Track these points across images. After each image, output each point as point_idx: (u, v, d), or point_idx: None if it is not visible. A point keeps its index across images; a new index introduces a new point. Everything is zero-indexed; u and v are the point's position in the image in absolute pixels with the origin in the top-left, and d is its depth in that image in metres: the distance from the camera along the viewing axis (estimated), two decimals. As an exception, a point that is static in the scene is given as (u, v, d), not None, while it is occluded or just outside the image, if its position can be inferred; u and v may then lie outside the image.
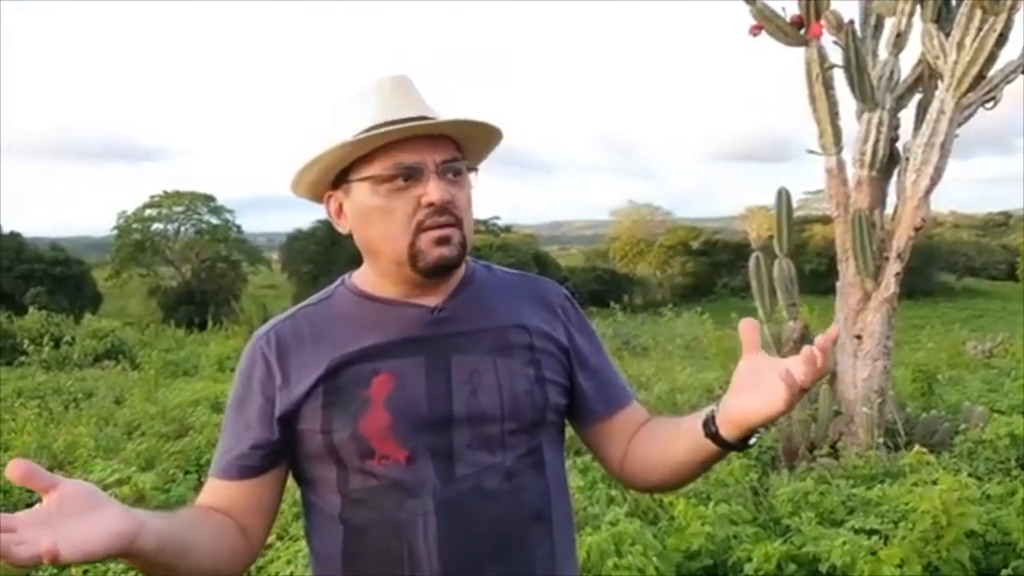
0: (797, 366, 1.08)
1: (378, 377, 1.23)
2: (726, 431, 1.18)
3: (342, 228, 1.30)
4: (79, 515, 0.97)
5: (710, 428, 1.20)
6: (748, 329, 1.16)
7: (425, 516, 1.20)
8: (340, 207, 1.29)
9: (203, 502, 1.28)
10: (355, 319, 1.29)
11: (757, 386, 1.13)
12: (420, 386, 1.23)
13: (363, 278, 1.33)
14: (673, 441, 1.28)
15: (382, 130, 1.21)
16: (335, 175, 1.28)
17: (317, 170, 1.27)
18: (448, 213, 1.23)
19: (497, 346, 1.28)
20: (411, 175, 1.22)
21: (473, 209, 1.30)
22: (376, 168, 1.23)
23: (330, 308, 1.32)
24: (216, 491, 1.28)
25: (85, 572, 3.63)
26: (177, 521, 1.15)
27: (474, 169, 1.32)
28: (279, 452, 1.27)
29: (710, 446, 1.21)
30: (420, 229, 1.22)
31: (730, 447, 1.20)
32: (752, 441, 1.20)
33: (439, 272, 1.25)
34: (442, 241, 1.22)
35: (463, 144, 1.29)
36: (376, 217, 1.24)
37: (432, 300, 1.29)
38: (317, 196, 1.32)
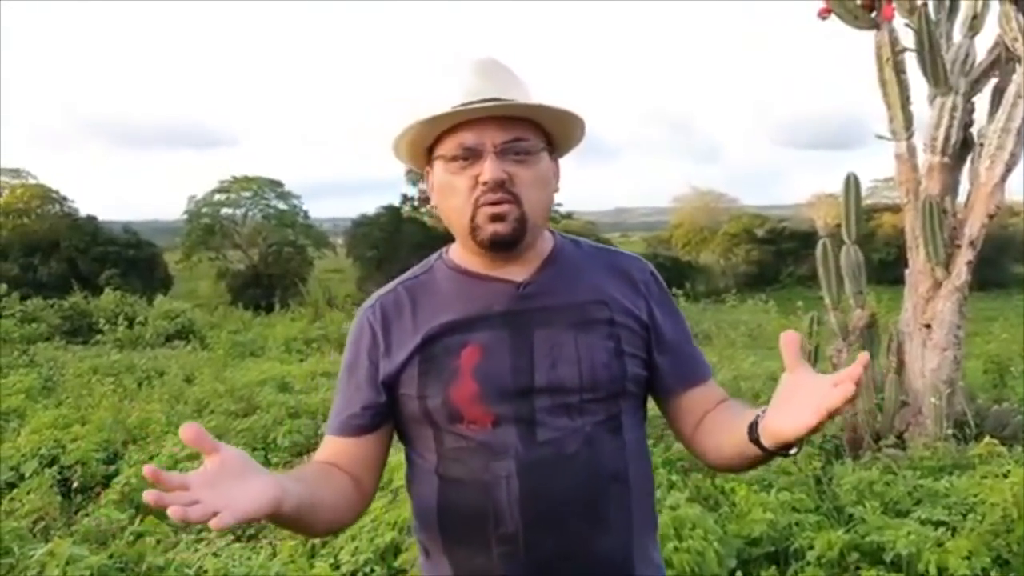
0: (829, 390, 1.10)
1: (467, 348, 1.33)
2: (765, 439, 1.23)
3: (432, 203, 1.41)
4: (236, 478, 1.07)
5: (753, 433, 1.25)
6: (789, 343, 1.17)
7: (508, 477, 1.30)
8: (431, 183, 1.40)
9: (320, 458, 1.41)
10: (448, 292, 1.39)
11: (792, 402, 1.15)
12: (505, 358, 1.33)
13: (456, 252, 1.44)
14: (730, 435, 1.32)
15: (438, 113, 1.30)
16: (425, 151, 1.38)
17: (404, 147, 1.38)
18: (503, 190, 1.30)
19: (579, 320, 1.36)
20: (471, 155, 1.31)
21: (548, 187, 1.38)
22: (445, 148, 1.34)
23: (427, 281, 1.43)
24: (332, 447, 1.41)
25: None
26: (308, 482, 1.26)
27: (548, 150, 1.38)
28: (385, 413, 1.40)
29: (754, 449, 1.26)
30: (477, 205, 1.32)
31: (771, 454, 1.25)
32: (792, 452, 1.24)
33: (496, 247, 1.33)
34: (496, 218, 1.31)
35: (549, 128, 1.37)
36: (446, 193, 1.35)
37: (519, 275, 1.38)
38: (420, 167, 1.43)
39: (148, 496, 0.99)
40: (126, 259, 34.30)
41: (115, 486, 4.88)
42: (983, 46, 5.54)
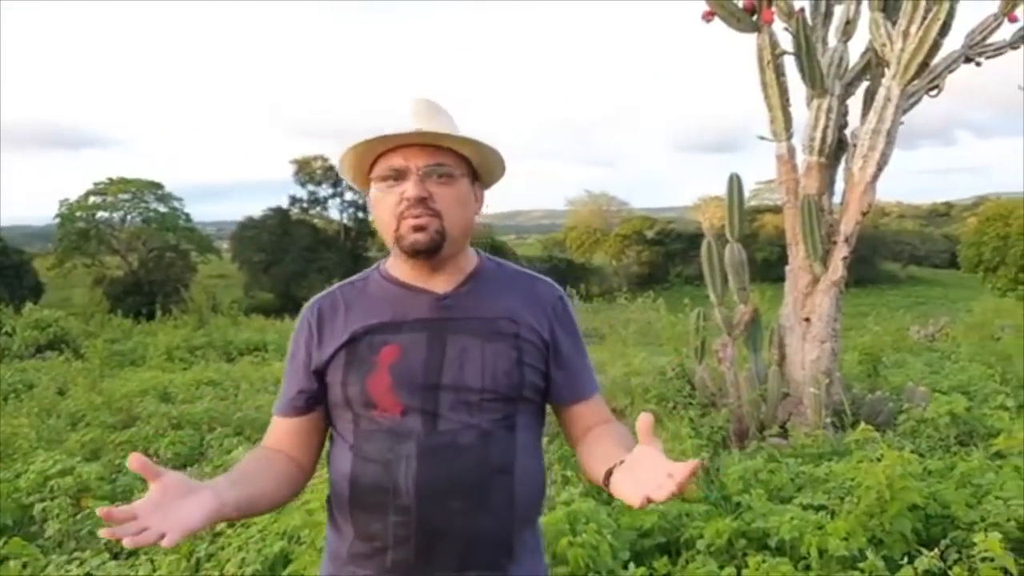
0: (661, 479, 1.23)
1: (387, 347, 1.54)
2: (612, 490, 1.37)
3: (370, 216, 1.64)
4: (179, 499, 1.24)
5: (607, 480, 1.39)
6: (643, 425, 1.31)
7: (408, 458, 1.49)
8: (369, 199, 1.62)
9: (267, 439, 1.64)
10: (378, 298, 1.60)
11: (635, 472, 1.31)
12: (419, 357, 1.53)
13: (390, 263, 1.65)
14: (594, 466, 1.50)
15: (365, 139, 1.52)
16: (366, 173, 1.59)
17: (346, 169, 1.60)
18: (424, 206, 1.51)
19: (488, 332, 1.56)
20: (398, 175, 1.53)
21: (467, 207, 1.58)
22: (378, 170, 1.56)
23: (362, 288, 1.65)
24: (276, 427, 1.63)
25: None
26: (246, 480, 1.46)
27: (470, 177, 1.59)
28: (317, 398, 1.60)
29: (607, 488, 1.40)
30: (401, 218, 1.52)
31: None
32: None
33: (417, 254, 1.53)
34: (417, 229, 1.51)
35: (472, 160, 1.58)
36: (377, 207, 1.56)
37: (442, 288, 1.58)
38: (363, 188, 1.63)
39: (104, 533, 1.14)
40: (-8, 266, 32.36)
41: (-21, 506, 4.56)
42: (856, 51, 5.82)
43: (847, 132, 5.72)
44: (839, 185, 5.74)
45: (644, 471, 1.29)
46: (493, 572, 1.53)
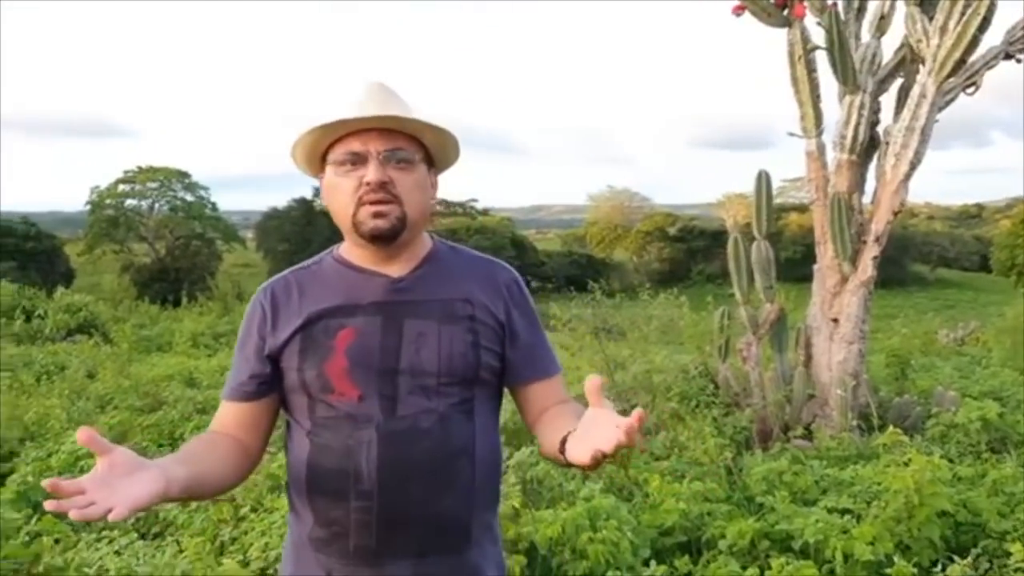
0: (605, 439, 1.25)
1: (343, 331, 1.52)
2: (567, 455, 1.38)
3: (323, 201, 1.62)
4: (126, 475, 1.23)
5: (562, 447, 1.40)
6: (592, 388, 1.33)
7: (369, 443, 1.49)
8: (322, 184, 1.60)
9: (214, 423, 1.61)
10: (333, 282, 1.58)
11: (589, 433, 1.31)
12: (375, 341, 1.52)
13: (344, 248, 1.63)
14: (551, 438, 1.50)
15: (324, 122, 1.50)
16: (319, 158, 1.58)
17: (300, 153, 1.57)
18: (384, 191, 1.50)
19: (444, 315, 1.56)
20: (357, 160, 1.51)
21: (425, 193, 1.58)
22: (335, 154, 1.54)
23: (316, 271, 1.63)
24: (224, 412, 1.61)
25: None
26: (193, 462, 1.44)
27: (426, 163, 1.58)
28: (270, 382, 1.58)
29: (562, 458, 1.41)
30: (360, 203, 1.51)
31: (574, 466, 1.40)
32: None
33: (377, 240, 1.52)
34: (377, 215, 1.50)
35: (427, 144, 1.57)
36: (333, 191, 1.55)
37: (396, 271, 1.57)
38: (314, 174, 1.62)
39: (48, 505, 1.13)
40: (24, 251, 32.77)
41: (11, 485, 4.62)
42: (890, 47, 5.73)
43: (879, 130, 5.64)
44: (869, 184, 5.67)
45: (596, 430, 1.30)
46: (452, 555, 1.54)
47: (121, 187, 38.85)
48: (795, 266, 18.22)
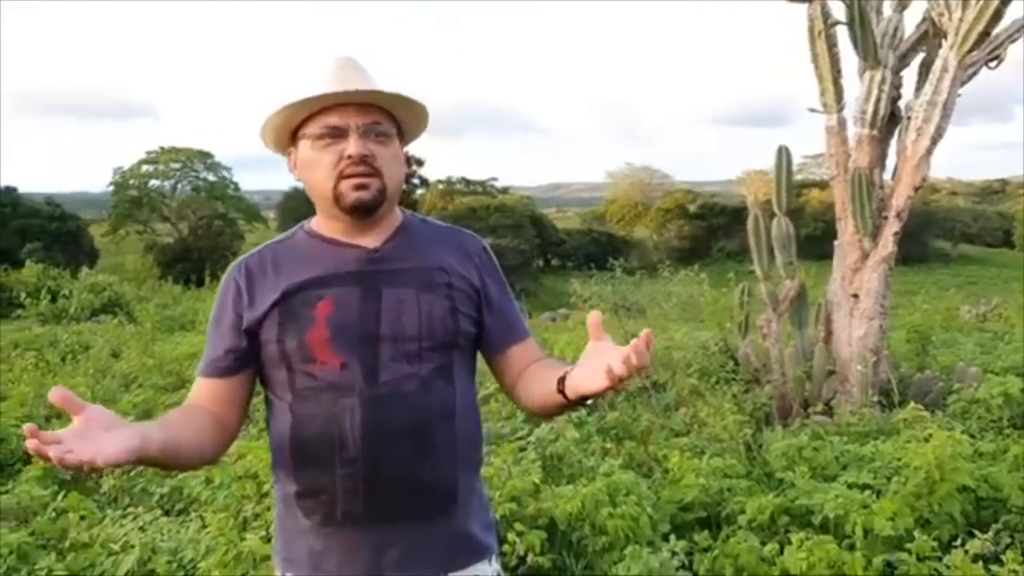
0: (619, 358, 1.31)
1: (322, 301, 1.54)
2: (569, 392, 1.46)
3: (295, 177, 1.64)
4: (103, 431, 1.23)
5: (560, 385, 1.47)
6: (593, 321, 1.41)
7: (353, 409, 1.51)
8: (295, 161, 1.62)
9: (190, 398, 1.62)
10: (308, 255, 1.61)
11: (595, 364, 1.37)
12: (355, 310, 1.54)
13: (317, 222, 1.65)
14: (541, 384, 1.56)
15: (307, 96, 1.52)
16: (289, 134, 1.60)
17: (273, 128, 1.59)
18: (366, 164, 1.53)
19: (421, 282, 1.59)
20: (337, 134, 1.54)
21: (401, 165, 1.62)
22: (312, 128, 1.56)
23: (290, 246, 1.65)
24: (200, 388, 1.61)
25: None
26: (170, 428, 1.45)
27: (404, 135, 1.65)
28: (245, 358, 1.59)
29: (559, 398, 1.49)
30: (341, 176, 1.54)
31: (572, 404, 1.49)
32: (589, 402, 1.52)
33: (358, 212, 1.56)
34: (359, 187, 1.54)
35: (398, 116, 1.61)
36: (311, 166, 1.57)
37: (371, 243, 1.60)
38: (282, 150, 1.65)
39: (29, 444, 1.16)
40: (49, 232, 33.08)
41: (37, 462, 4.71)
42: (912, 21, 5.66)
43: (900, 105, 5.59)
44: (890, 160, 5.62)
45: (600, 359, 1.35)
46: (439, 517, 1.58)
47: (144, 168, 39.08)
48: (816, 243, 18.09)
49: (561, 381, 1.48)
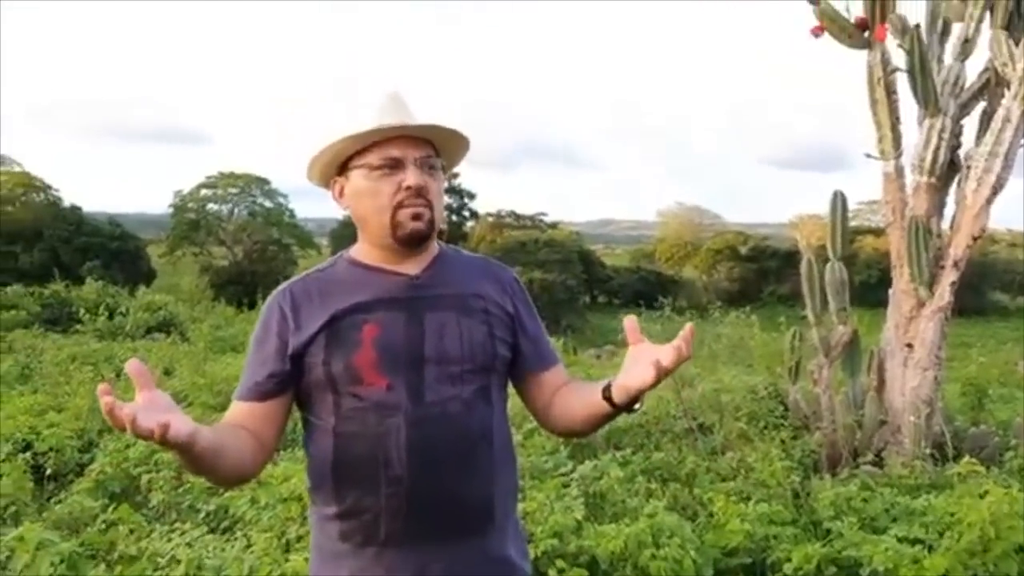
0: (664, 352, 1.43)
1: (368, 325, 1.60)
2: (616, 396, 1.55)
3: (341, 206, 1.71)
4: (164, 412, 1.30)
5: (606, 392, 1.56)
6: (631, 325, 1.52)
7: (398, 430, 1.56)
8: (342, 190, 1.69)
9: (227, 420, 1.65)
10: (352, 282, 1.66)
11: (638, 366, 1.48)
12: (400, 333, 1.60)
13: (358, 250, 1.72)
14: (581, 398, 1.66)
15: (375, 127, 1.60)
16: (339, 165, 1.67)
17: (327, 157, 1.66)
18: (422, 196, 1.61)
19: (461, 307, 1.66)
20: (395, 165, 1.61)
21: (443, 199, 1.73)
22: (370, 158, 1.62)
23: (332, 274, 1.71)
24: (238, 410, 1.64)
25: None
26: (218, 432, 1.49)
27: (445, 168, 1.73)
28: (288, 381, 1.63)
29: (605, 406, 1.57)
30: (399, 207, 1.61)
31: (620, 408, 1.57)
32: (636, 406, 1.57)
33: (413, 242, 1.63)
34: (416, 217, 1.61)
35: (440, 148, 1.69)
36: (367, 196, 1.63)
37: (411, 270, 1.67)
38: (324, 182, 1.72)
39: (104, 401, 1.22)
40: (109, 250, 34.05)
41: (89, 474, 4.82)
42: (973, 70, 5.60)
43: (960, 153, 5.51)
44: (948, 209, 5.54)
45: (644, 358, 1.45)
46: (477, 538, 1.62)
47: (203, 191, 40.07)
48: (870, 290, 17.79)
49: (606, 389, 1.55)
